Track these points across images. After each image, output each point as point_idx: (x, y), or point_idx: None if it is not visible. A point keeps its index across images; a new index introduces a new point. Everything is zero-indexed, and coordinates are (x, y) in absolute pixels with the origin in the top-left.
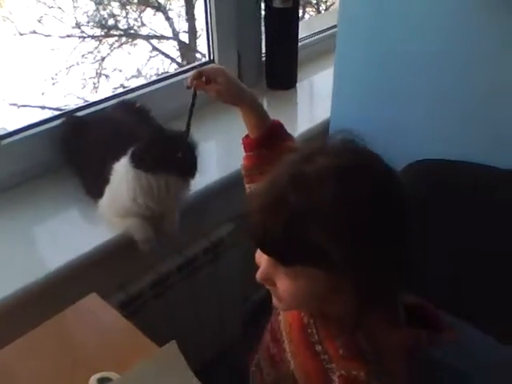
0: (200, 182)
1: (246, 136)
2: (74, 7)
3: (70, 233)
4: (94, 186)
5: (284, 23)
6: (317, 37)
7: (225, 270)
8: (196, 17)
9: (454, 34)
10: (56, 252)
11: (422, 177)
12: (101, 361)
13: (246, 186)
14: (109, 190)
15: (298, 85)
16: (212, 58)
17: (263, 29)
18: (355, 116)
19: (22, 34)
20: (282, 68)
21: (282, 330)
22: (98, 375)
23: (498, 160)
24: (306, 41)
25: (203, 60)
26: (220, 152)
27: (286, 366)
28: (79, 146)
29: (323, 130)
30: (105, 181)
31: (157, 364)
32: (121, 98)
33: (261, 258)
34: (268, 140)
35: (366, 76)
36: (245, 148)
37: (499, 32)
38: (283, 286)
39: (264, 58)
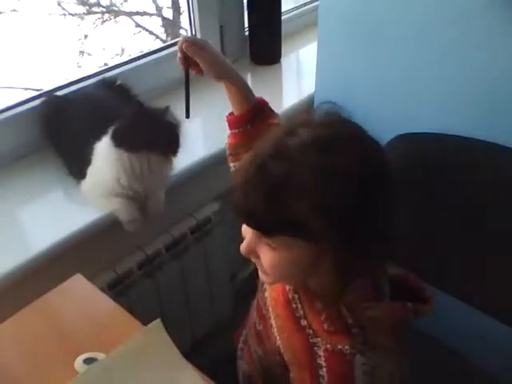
0: (185, 161)
1: (230, 113)
2: None
3: (55, 214)
4: (76, 167)
5: None
6: (302, 9)
7: (212, 249)
8: None
9: (441, 8)
10: (41, 233)
11: (407, 150)
12: (87, 342)
13: (231, 164)
14: (91, 171)
15: (282, 59)
16: (194, 33)
17: (245, 2)
18: (339, 90)
19: (0, 13)
20: (266, 42)
21: (268, 305)
22: (84, 356)
23: (484, 133)
24: (291, 14)
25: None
26: (205, 130)
27: (273, 342)
28: (60, 125)
29: (309, 104)
30: (86, 161)
31: (142, 342)
32: (101, 76)
33: (246, 231)
34: (253, 117)
35: (350, 49)
36: (229, 125)
37: (485, 8)
38: (266, 257)
39: (247, 33)
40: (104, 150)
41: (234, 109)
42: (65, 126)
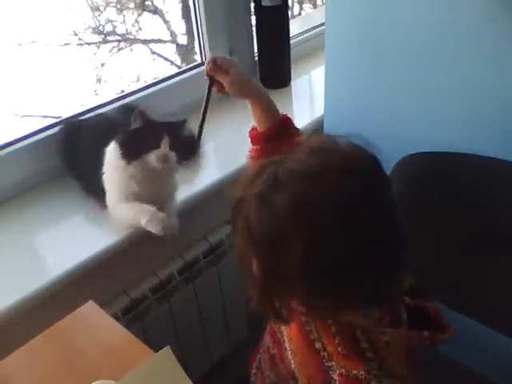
0: (198, 184)
1: (253, 128)
2: (71, 14)
3: (70, 240)
4: (92, 186)
5: (274, 21)
6: (311, 32)
7: (226, 272)
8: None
9: (444, 27)
10: (56, 259)
11: (417, 170)
12: (99, 369)
13: None
14: (106, 183)
15: (292, 82)
16: (204, 58)
17: (254, 27)
18: (348, 112)
19: (20, 45)
20: (275, 66)
21: (282, 328)
22: (96, 383)
23: (493, 151)
24: (300, 37)
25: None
26: (218, 153)
27: (287, 365)
28: (76, 149)
29: (320, 126)
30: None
31: (151, 369)
32: (118, 103)
33: None
34: (277, 134)
35: (357, 71)
36: (252, 141)
37: (493, 25)
38: None
39: (256, 58)
40: (109, 159)
41: (258, 125)
42: (80, 149)
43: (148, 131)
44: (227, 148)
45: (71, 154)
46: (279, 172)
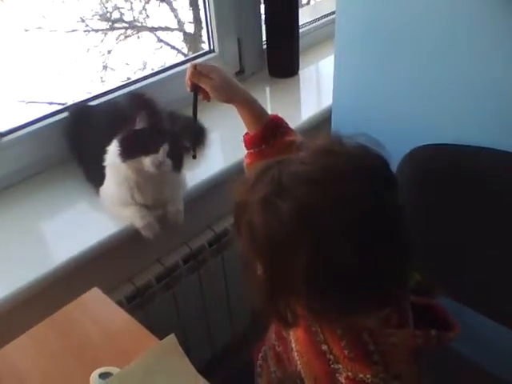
0: (203, 173)
1: (246, 133)
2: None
3: (75, 227)
4: (94, 173)
5: (283, 9)
6: (320, 22)
7: (231, 261)
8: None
9: (456, 20)
10: (61, 246)
11: (425, 162)
12: (103, 356)
13: None
14: (106, 182)
15: (300, 72)
16: (212, 47)
17: (263, 16)
18: (357, 103)
19: (26, 30)
20: (284, 55)
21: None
22: (100, 370)
23: (498, 143)
24: (309, 26)
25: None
26: (223, 143)
27: (294, 366)
28: (82, 135)
29: (327, 117)
30: (103, 169)
31: (156, 357)
32: (125, 90)
33: None
34: (267, 136)
35: (367, 63)
36: (245, 145)
37: (500, 25)
38: None
39: (265, 46)
40: (109, 162)
41: (248, 129)
42: (87, 135)
43: (150, 135)
44: (233, 138)
45: (77, 139)
46: (283, 175)
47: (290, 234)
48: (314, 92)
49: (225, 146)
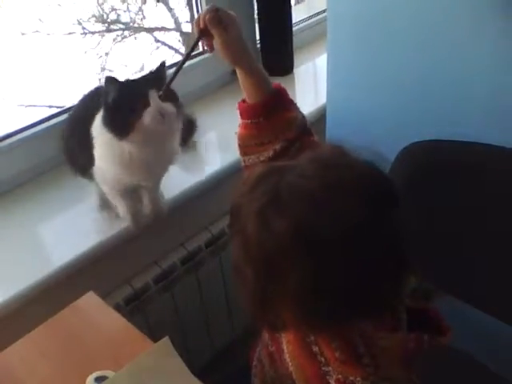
0: (200, 174)
1: (243, 100)
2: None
3: (71, 230)
4: (80, 157)
5: (276, 7)
6: (314, 19)
7: (228, 262)
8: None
9: (450, 17)
10: (59, 250)
11: (420, 158)
12: (99, 360)
13: (242, 159)
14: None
15: (295, 70)
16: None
17: (256, 14)
18: (351, 101)
19: (23, 34)
20: (278, 53)
21: None
22: (95, 374)
23: (492, 138)
24: (303, 24)
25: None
26: (220, 142)
27: (285, 367)
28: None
29: (323, 114)
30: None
31: (149, 360)
32: None
33: None
34: (267, 107)
35: (360, 59)
36: (241, 114)
37: (497, 23)
38: None
39: (259, 45)
40: (98, 139)
41: (248, 97)
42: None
43: (128, 94)
44: (229, 138)
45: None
46: (282, 187)
47: (283, 252)
48: (309, 90)
49: (222, 146)
